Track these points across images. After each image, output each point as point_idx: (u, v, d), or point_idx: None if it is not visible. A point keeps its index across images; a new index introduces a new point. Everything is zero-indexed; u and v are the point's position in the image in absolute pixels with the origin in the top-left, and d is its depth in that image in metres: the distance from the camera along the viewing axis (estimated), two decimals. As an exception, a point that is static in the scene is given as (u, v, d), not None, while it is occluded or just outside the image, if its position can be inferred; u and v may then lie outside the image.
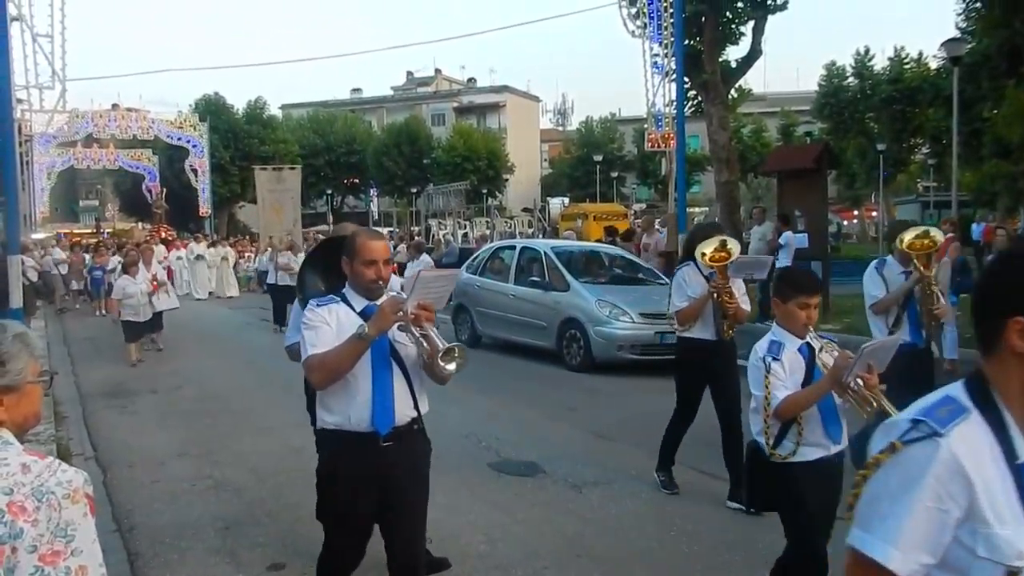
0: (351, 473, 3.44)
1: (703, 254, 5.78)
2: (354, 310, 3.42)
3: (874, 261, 6.60)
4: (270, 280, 17.02)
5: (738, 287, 6.01)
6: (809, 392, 3.66)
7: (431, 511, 5.91)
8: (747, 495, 4.33)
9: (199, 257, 25.59)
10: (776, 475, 3.77)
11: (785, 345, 3.77)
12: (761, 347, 3.83)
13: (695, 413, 6.32)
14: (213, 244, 27.53)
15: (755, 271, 7.18)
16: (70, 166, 42.61)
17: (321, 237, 27.65)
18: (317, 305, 3.44)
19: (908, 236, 5.88)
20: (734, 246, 5.80)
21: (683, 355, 6.43)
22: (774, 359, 3.71)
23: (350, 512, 3.51)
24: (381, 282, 3.46)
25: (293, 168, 18.36)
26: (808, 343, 3.80)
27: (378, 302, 3.41)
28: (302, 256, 19.05)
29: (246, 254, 29.16)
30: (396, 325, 3.32)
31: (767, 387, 3.69)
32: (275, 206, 17.04)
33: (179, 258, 26.08)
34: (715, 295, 5.87)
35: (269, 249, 17.62)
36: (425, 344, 3.32)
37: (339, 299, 3.48)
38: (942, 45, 20.49)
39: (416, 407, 3.51)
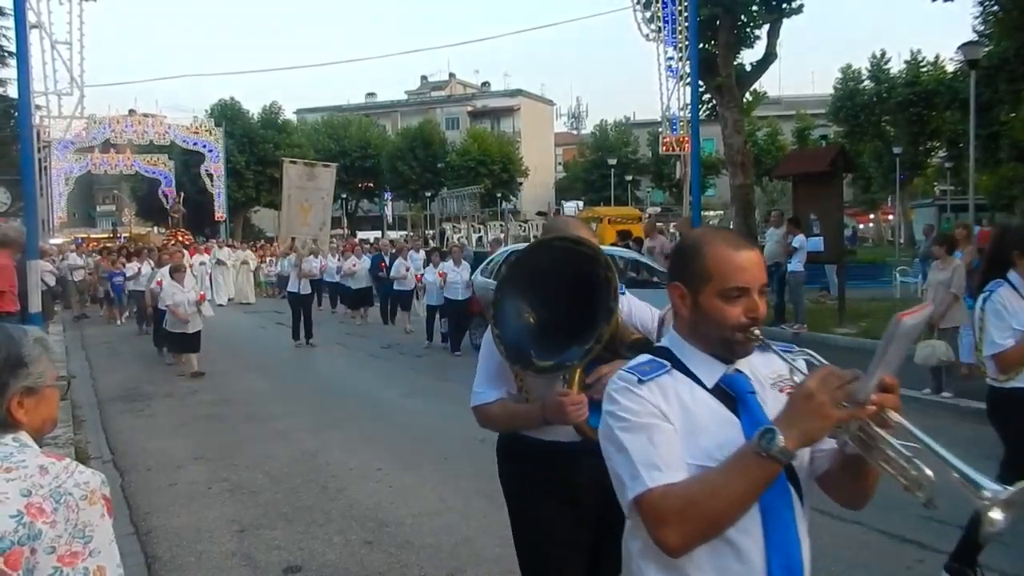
0: None
1: None
2: (702, 385, 1.86)
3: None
4: (291, 288, 15.87)
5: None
6: None
7: (446, 515, 5.97)
8: None
9: (219, 262, 25.58)
10: None
11: None
12: None
13: None
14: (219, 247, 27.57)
15: None
16: (87, 171, 42.94)
17: (336, 242, 27.51)
18: (638, 380, 1.82)
19: None
20: None
21: (1016, 411, 4.33)
22: None
23: None
24: (756, 329, 1.85)
25: (327, 166, 17.59)
26: None
27: (745, 367, 1.91)
28: (321, 259, 18.84)
29: (267, 258, 29.20)
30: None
31: None
32: (302, 205, 16.31)
33: (202, 263, 26.00)
34: None
35: (292, 253, 16.85)
36: (925, 469, 1.59)
37: (667, 364, 1.87)
38: (959, 48, 20.31)
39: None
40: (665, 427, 1.77)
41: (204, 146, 41.31)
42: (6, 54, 29.87)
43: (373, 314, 19.21)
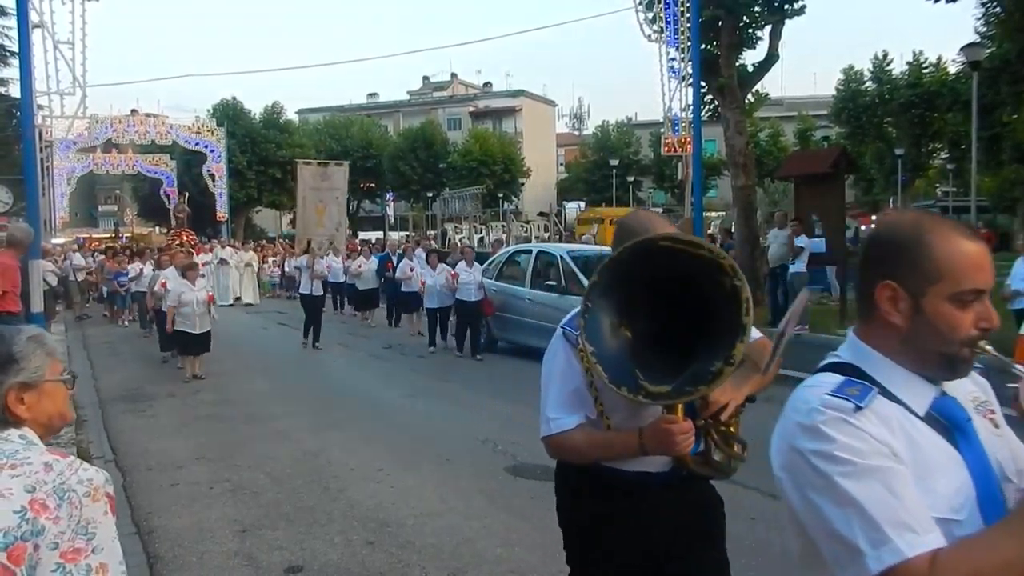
0: None
1: None
2: (912, 411, 1.49)
3: None
4: (303, 290, 15.60)
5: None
6: None
7: (448, 516, 5.97)
8: None
9: (223, 261, 25.50)
10: None
11: None
12: None
13: None
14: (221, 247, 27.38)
15: None
16: (89, 171, 42.97)
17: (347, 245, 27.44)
18: (855, 407, 1.44)
19: None
20: None
21: None
22: None
23: None
24: (987, 343, 1.53)
25: (340, 164, 17.51)
26: None
27: (950, 389, 1.56)
28: (327, 260, 18.66)
29: (269, 259, 29.16)
30: None
31: None
32: (318, 206, 16.17)
33: (206, 263, 25.78)
34: None
35: (306, 255, 16.34)
36: None
37: (872, 385, 1.50)
38: (961, 50, 20.35)
39: None
40: (900, 470, 1.36)
41: (206, 146, 41.30)
42: (8, 54, 29.88)
43: (379, 316, 19.20)
